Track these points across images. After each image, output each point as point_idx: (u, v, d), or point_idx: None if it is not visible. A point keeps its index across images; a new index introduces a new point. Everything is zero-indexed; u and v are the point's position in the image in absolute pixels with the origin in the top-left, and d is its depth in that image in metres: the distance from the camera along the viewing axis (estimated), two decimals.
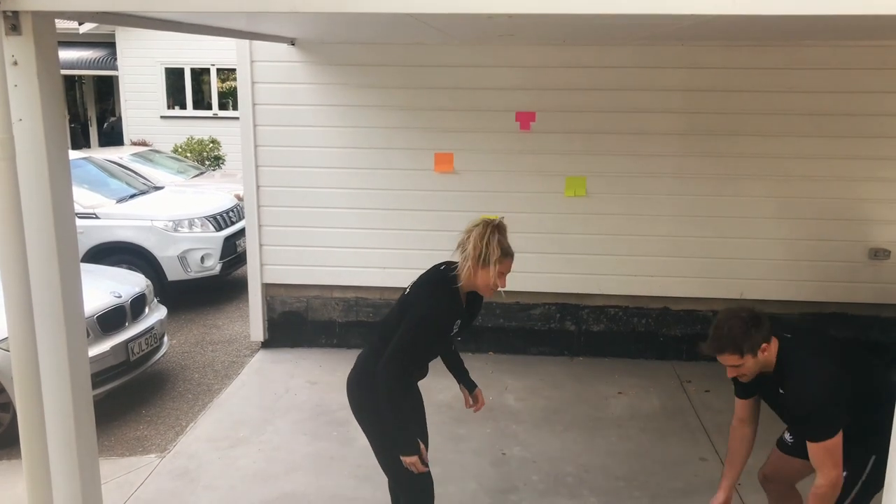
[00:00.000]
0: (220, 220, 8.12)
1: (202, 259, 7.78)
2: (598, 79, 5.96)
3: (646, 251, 6.18)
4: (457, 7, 2.40)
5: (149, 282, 6.12)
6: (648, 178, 6.07)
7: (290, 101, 6.18)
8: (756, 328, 2.90)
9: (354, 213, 6.30)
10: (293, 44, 6.09)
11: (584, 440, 5.02)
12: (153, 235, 7.63)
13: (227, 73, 15.56)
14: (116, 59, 15.87)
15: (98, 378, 4.98)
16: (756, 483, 3.54)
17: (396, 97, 6.13)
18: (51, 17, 2.41)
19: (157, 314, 5.92)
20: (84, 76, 18.82)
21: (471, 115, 6.09)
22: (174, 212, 7.95)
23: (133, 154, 11.30)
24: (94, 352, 4.96)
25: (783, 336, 3.01)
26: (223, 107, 15.96)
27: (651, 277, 6.23)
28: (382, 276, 6.38)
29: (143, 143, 14.68)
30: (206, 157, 14.67)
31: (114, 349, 5.24)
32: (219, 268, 7.92)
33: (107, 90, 19.41)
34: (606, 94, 5.98)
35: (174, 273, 7.64)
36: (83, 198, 7.64)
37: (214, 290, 8.29)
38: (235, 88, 7.31)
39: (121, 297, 5.49)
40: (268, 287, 6.56)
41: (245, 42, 6.04)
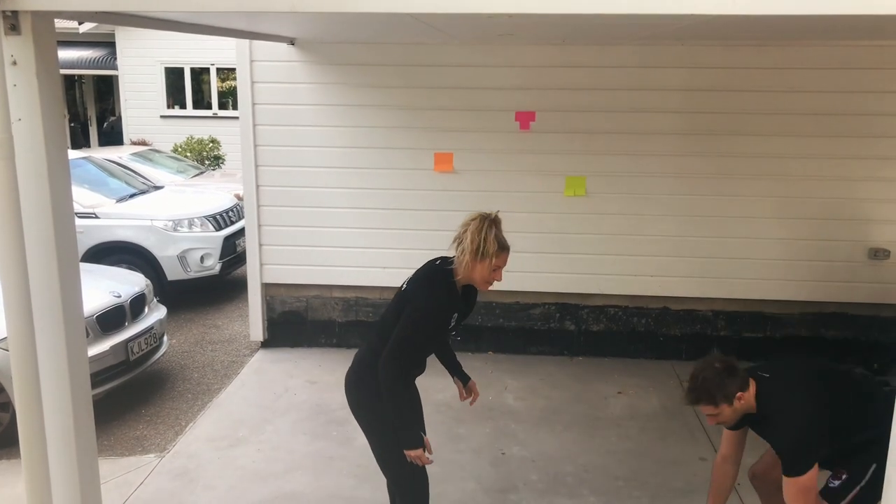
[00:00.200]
0: (220, 220, 8.12)
1: (202, 259, 7.78)
2: (598, 78, 5.96)
3: (645, 251, 6.18)
4: (457, 7, 2.39)
5: (148, 281, 6.12)
6: (648, 178, 6.07)
7: (290, 101, 6.18)
8: (730, 377, 3.00)
9: (354, 213, 6.30)
10: (293, 43, 6.09)
11: (584, 440, 5.02)
12: (153, 235, 7.64)
13: (227, 73, 15.56)
14: (116, 59, 15.87)
15: (97, 378, 4.98)
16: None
17: (396, 97, 6.13)
18: (50, 17, 2.41)
19: (157, 314, 5.92)
20: (84, 76, 18.83)
21: (470, 115, 6.09)
22: (174, 211, 7.95)
23: (133, 154, 11.30)
24: (94, 351, 4.96)
25: (761, 377, 3.07)
26: (223, 106, 15.96)
27: (651, 277, 6.23)
28: (382, 276, 6.37)
29: (143, 143, 14.68)
30: (206, 157, 14.67)
31: (113, 349, 5.24)
32: (218, 267, 7.92)
33: (106, 90, 19.41)
34: (606, 94, 5.98)
35: (174, 273, 7.65)
36: (83, 197, 7.65)
37: (214, 290, 8.30)
38: (235, 88, 7.31)
39: (120, 297, 5.49)
40: (267, 287, 6.56)
41: (245, 42, 6.04)
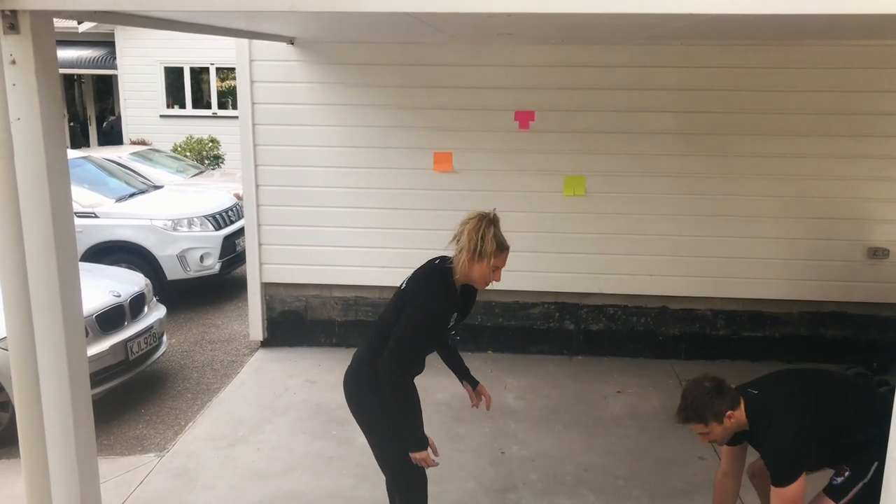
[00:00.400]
0: (220, 220, 8.12)
1: (201, 258, 7.78)
2: (597, 78, 5.96)
3: (645, 250, 6.18)
4: (456, 6, 2.40)
5: (148, 281, 6.12)
6: (647, 178, 6.07)
7: (290, 100, 6.18)
8: (719, 397, 3.03)
9: (353, 212, 6.30)
10: (292, 43, 6.09)
11: (583, 439, 5.02)
12: (152, 234, 7.64)
13: (227, 72, 15.55)
14: (116, 58, 15.86)
15: (97, 377, 4.98)
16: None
17: (395, 96, 6.13)
18: (49, 17, 2.41)
19: (157, 313, 5.92)
20: (83, 75, 18.82)
21: (470, 115, 6.09)
22: (173, 211, 7.95)
23: (132, 153, 11.30)
24: (93, 351, 4.96)
25: (750, 394, 3.10)
26: (222, 106, 15.96)
27: (650, 276, 6.23)
28: (382, 276, 6.37)
29: (143, 143, 14.68)
30: (206, 157, 14.67)
31: (113, 348, 5.24)
32: (218, 267, 7.92)
33: (106, 89, 19.41)
34: (605, 94, 5.98)
35: (173, 272, 7.65)
36: (82, 197, 7.64)
37: (214, 290, 8.29)
38: (235, 87, 7.31)
39: (120, 297, 5.49)
40: (267, 286, 6.56)
41: (244, 41, 6.04)
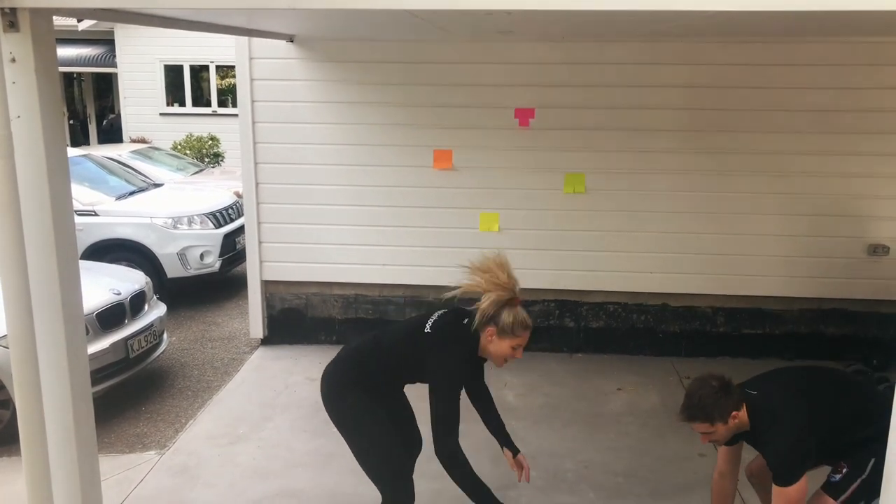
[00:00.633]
0: (220, 218, 8.12)
1: (201, 256, 7.78)
2: (598, 75, 5.96)
3: (645, 248, 6.18)
4: (455, 4, 2.40)
5: (148, 279, 6.12)
6: (647, 175, 6.07)
7: (289, 98, 6.18)
8: (726, 396, 3.01)
9: (354, 210, 6.30)
10: (292, 41, 6.08)
11: (584, 436, 5.03)
12: (152, 232, 7.64)
13: (227, 70, 15.55)
14: (115, 56, 15.86)
15: (97, 375, 4.98)
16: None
17: (395, 94, 6.13)
18: (49, 14, 2.40)
19: (157, 311, 5.92)
20: (83, 73, 18.82)
21: (470, 112, 6.09)
22: (173, 209, 7.95)
23: (132, 151, 11.30)
24: (94, 349, 4.96)
25: (749, 395, 3.09)
26: (222, 104, 15.95)
27: (650, 274, 6.23)
28: (382, 273, 6.38)
29: (143, 141, 14.68)
30: (206, 155, 14.67)
31: (113, 346, 5.24)
32: (218, 265, 7.92)
33: (106, 87, 19.41)
34: (606, 91, 5.97)
35: (173, 270, 7.65)
36: (82, 195, 7.64)
37: (214, 287, 8.29)
38: (234, 85, 7.31)
39: (120, 295, 5.49)
40: (267, 284, 6.56)
41: (244, 39, 6.04)
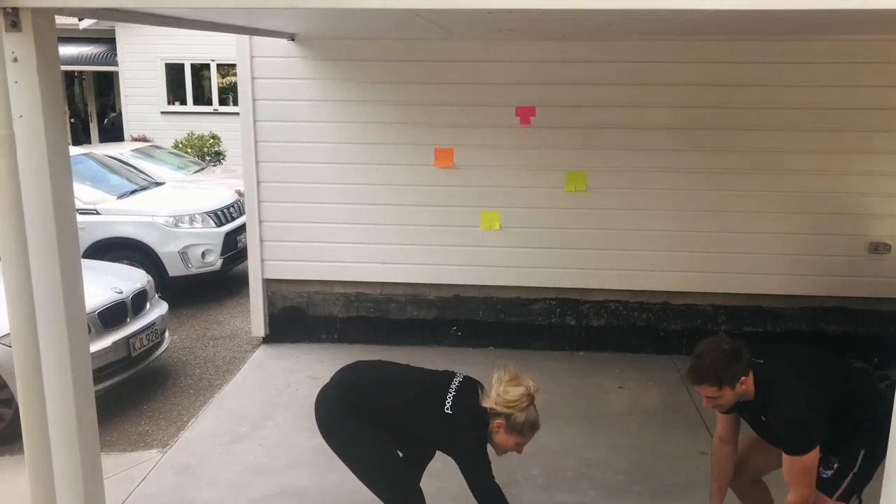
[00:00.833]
0: (221, 216, 8.13)
1: (203, 255, 7.78)
2: (599, 74, 5.96)
3: (646, 246, 6.18)
4: (457, 2, 2.40)
5: (150, 277, 6.13)
6: (648, 173, 6.07)
7: (291, 97, 6.18)
8: (737, 361, 2.97)
9: (355, 209, 6.30)
10: (293, 39, 6.08)
11: (585, 434, 5.03)
12: (154, 231, 7.64)
13: (228, 69, 15.55)
14: (116, 55, 15.86)
15: (99, 374, 4.99)
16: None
17: (397, 92, 6.13)
18: (51, 14, 2.41)
19: (158, 310, 5.93)
20: (84, 72, 18.82)
21: (471, 111, 6.09)
22: (175, 207, 7.96)
23: (133, 150, 11.31)
24: (96, 347, 4.96)
25: (755, 363, 3.06)
26: (223, 102, 15.96)
27: (651, 272, 6.23)
28: (383, 272, 6.38)
29: (144, 139, 14.68)
30: (207, 153, 14.68)
31: (115, 345, 5.26)
32: (220, 263, 7.93)
33: (107, 86, 19.41)
34: (607, 89, 5.97)
35: (175, 269, 7.66)
36: (84, 194, 7.65)
37: (215, 286, 8.30)
38: (236, 84, 7.31)
39: (122, 293, 5.50)
40: (269, 282, 6.57)
41: (245, 38, 6.04)
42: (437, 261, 6.30)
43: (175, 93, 16.04)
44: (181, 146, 14.53)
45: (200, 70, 16.06)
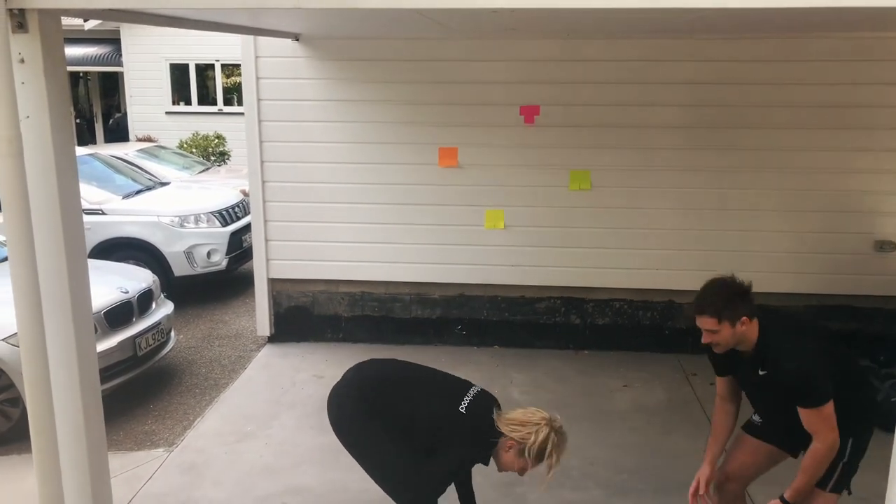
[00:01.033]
0: (226, 216, 8.15)
1: (208, 254, 7.80)
2: (603, 72, 5.95)
3: (650, 244, 6.17)
4: (460, 2, 2.41)
5: (155, 277, 6.15)
6: (653, 172, 6.07)
7: (295, 97, 6.19)
8: (741, 299, 2.94)
9: (359, 208, 6.31)
10: (297, 39, 6.10)
11: (590, 433, 5.03)
12: (159, 231, 7.66)
13: (232, 69, 15.56)
14: (121, 56, 15.91)
15: (106, 373, 4.98)
16: (763, 483, 3.50)
17: (401, 92, 6.14)
18: (57, 15, 2.42)
19: (164, 309, 5.95)
20: (89, 72, 18.87)
21: (475, 110, 6.09)
22: (180, 207, 7.98)
23: (138, 150, 11.33)
24: (102, 347, 4.98)
25: (761, 316, 3.03)
26: (228, 102, 15.98)
27: (656, 270, 6.23)
28: (388, 271, 6.39)
29: (149, 139, 14.71)
30: (212, 153, 14.70)
31: (121, 344, 5.27)
32: (225, 263, 7.94)
33: (112, 86, 19.46)
34: (611, 88, 5.97)
35: (180, 268, 7.67)
36: (90, 194, 7.67)
37: (221, 286, 8.32)
38: (240, 84, 7.32)
39: (128, 293, 5.52)
40: (274, 282, 6.58)
41: (250, 38, 6.05)
42: (442, 260, 6.31)
43: (180, 93, 16.07)
44: (186, 146, 14.56)
45: (205, 70, 16.09)
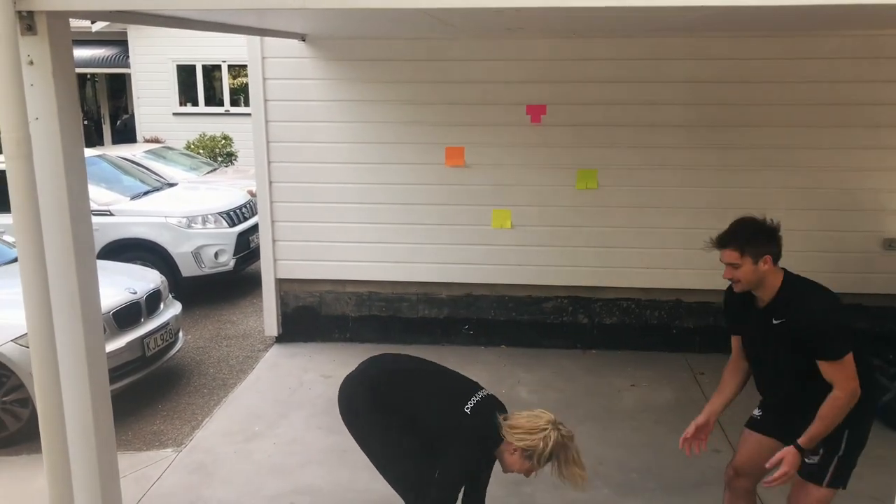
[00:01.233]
0: (234, 216, 8.17)
1: (216, 255, 7.82)
2: (609, 71, 5.94)
3: (658, 243, 6.16)
4: (466, 2, 2.41)
5: (163, 278, 6.16)
6: (660, 170, 6.05)
7: (302, 97, 6.20)
8: (766, 238, 2.98)
9: (366, 208, 6.32)
10: (304, 40, 6.11)
11: (597, 433, 5.02)
12: (167, 232, 7.69)
13: (239, 70, 15.60)
14: (129, 57, 15.95)
15: (114, 374, 5.00)
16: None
17: (407, 92, 6.14)
18: (65, 17, 2.44)
19: (172, 310, 5.97)
20: (97, 74, 18.93)
21: (481, 109, 6.09)
22: (188, 208, 8.00)
23: (146, 151, 11.38)
24: (110, 348, 4.96)
25: (786, 271, 3.08)
26: (235, 103, 16.01)
27: (663, 270, 6.21)
28: (395, 271, 6.40)
29: (156, 141, 14.76)
30: (219, 154, 14.73)
31: (129, 345, 5.29)
32: (232, 263, 7.96)
33: (119, 88, 19.52)
34: (617, 87, 5.96)
35: (188, 269, 7.69)
36: (98, 195, 7.67)
37: (228, 286, 8.34)
38: (247, 84, 7.35)
39: (136, 294, 5.54)
40: (281, 282, 6.60)
41: (256, 38, 6.07)
42: (449, 260, 6.31)
43: (187, 94, 16.11)
44: (193, 147, 14.59)
45: (212, 71, 16.13)
